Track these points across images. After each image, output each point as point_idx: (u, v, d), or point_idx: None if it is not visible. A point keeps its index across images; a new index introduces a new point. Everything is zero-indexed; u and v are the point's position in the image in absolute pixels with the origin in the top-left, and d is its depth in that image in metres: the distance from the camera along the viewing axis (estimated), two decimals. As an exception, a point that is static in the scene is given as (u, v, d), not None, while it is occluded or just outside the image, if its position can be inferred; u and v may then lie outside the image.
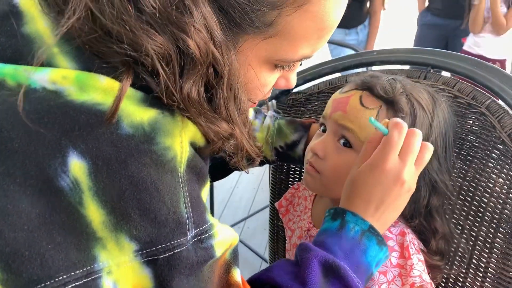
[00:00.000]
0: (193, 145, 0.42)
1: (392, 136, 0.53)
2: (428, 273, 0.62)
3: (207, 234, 0.41)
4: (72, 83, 0.36)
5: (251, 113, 0.79)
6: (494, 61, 2.36)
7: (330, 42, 2.52)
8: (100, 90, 0.37)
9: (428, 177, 0.63)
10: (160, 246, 0.38)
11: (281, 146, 0.78)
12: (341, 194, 0.64)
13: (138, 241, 0.37)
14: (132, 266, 0.37)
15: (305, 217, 0.79)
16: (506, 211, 0.64)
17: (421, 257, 0.61)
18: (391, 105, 0.61)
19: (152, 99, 0.39)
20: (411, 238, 0.62)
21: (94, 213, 0.36)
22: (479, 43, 2.38)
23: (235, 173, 0.84)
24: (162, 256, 0.38)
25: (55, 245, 0.35)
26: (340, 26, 2.45)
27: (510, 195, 0.64)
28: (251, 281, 0.53)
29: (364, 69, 1.14)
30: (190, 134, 0.41)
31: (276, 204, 0.89)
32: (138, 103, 0.38)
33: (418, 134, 0.55)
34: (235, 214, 2.39)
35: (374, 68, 0.92)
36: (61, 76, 0.36)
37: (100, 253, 0.36)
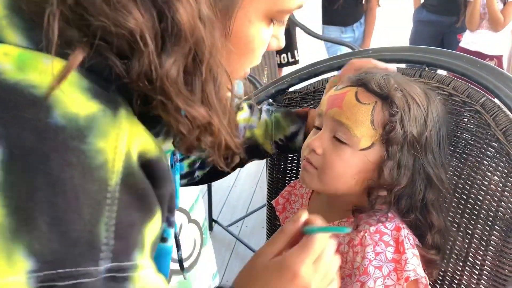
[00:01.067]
0: (142, 157, 0.36)
1: (315, 242, 0.48)
2: (424, 270, 0.62)
3: (124, 274, 0.34)
4: (12, 61, 0.32)
5: (246, 109, 0.79)
6: (491, 57, 2.37)
7: (326, 40, 2.52)
8: (40, 71, 0.32)
9: (423, 171, 0.63)
10: (62, 270, 0.31)
11: (281, 139, 0.78)
12: (338, 190, 0.65)
13: (37, 258, 0.30)
14: None
15: None
16: (501, 208, 0.64)
17: (416, 251, 0.61)
18: (386, 100, 0.62)
19: (98, 90, 0.34)
20: (406, 233, 0.62)
21: None
22: (476, 40, 2.38)
23: (233, 173, 0.84)
24: (61, 284, 0.31)
25: None
26: (337, 24, 2.50)
27: (505, 192, 0.64)
28: None
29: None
30: (139, 142, 0.35)
31: (272, 202, 0.89)
32: (81, 91, 0.33)
33: (334, 245, 0.51)
34: (233, 213, 2.39)
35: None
36: (2, 53, 0.33)
37: None
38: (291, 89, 0.95)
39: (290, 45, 2.95)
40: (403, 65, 0.83)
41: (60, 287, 0.31)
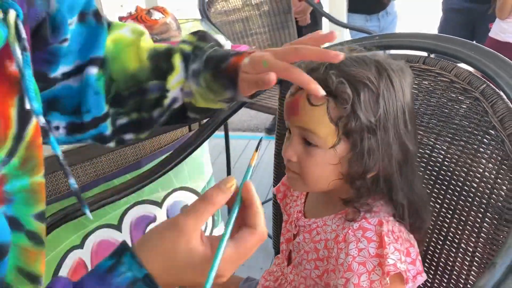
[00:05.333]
0: None
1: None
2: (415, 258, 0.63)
3: None
4: None
5: (178, 68, 0.64)
6: (523, 47, 2.28)
7: (350, 28, 2.49)
8: None
9: (392, 149, 0.62)
10: None
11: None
12: (323, 189, 0.66)
13: None
14: None
15: (299, 203, 0.80)
16: (493, 195, 0.64)
17: (399, 246, 0.61)
18: (334, 97, 0.60)
19: None
20: (390, 227, 0.62)
21: None
22: (506, 30, 2.29)
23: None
24: None
25: None
26: (361, 12, 2.48)
27: (498, 180, 0.64)
28: None
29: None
30: None
31: (274, 189, 0.90)
32: None
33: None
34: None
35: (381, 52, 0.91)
36: None
37: None
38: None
39: (316, 34, 2.93)
40: (425, 53, 0.81)
41: None
